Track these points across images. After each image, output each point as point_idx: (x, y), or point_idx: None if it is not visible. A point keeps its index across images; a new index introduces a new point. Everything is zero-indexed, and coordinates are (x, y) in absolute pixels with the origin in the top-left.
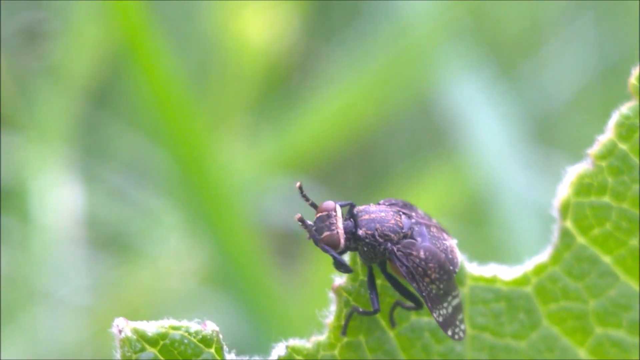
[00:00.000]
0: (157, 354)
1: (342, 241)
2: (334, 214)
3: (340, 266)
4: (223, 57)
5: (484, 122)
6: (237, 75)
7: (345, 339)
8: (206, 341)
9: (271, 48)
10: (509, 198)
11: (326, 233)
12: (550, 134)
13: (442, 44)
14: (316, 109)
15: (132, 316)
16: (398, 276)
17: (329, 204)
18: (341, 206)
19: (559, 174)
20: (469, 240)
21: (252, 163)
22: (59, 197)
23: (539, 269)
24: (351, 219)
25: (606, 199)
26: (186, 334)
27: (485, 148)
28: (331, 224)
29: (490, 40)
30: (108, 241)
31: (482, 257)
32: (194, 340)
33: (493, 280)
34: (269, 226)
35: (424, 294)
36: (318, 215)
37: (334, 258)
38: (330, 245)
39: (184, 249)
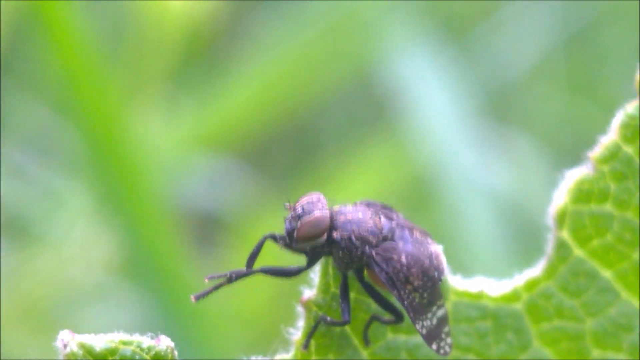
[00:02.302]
0: None
1: (326, 233)
2: (323, 198)
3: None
4: (140, 20)
5: (431, 94)
6: (156, 40)
7: (314, 358)
8: (160, 357)
9: (194, 11)
10: (457, 179)
11: (317, 213)
12: (505, 108)
13: (384, 8)
14: (243, 80)
15: (30, 309)
16: (376, 285)
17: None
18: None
19: (515, 153)
20: None
21: (170, 139)
22: None
23: (531, 284)
24: None
25: (608, 207)
26: (138, 350)
27: (432, 123)
28: (323, 206)
29: (438, 2)
30: (6, 225)
31: None
32: (146, 357)
33: (479, 295)
34: (188, 210)
35: (405, 302)
36: (305, 198)
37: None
38: (315, 230)
39: (91, 235)
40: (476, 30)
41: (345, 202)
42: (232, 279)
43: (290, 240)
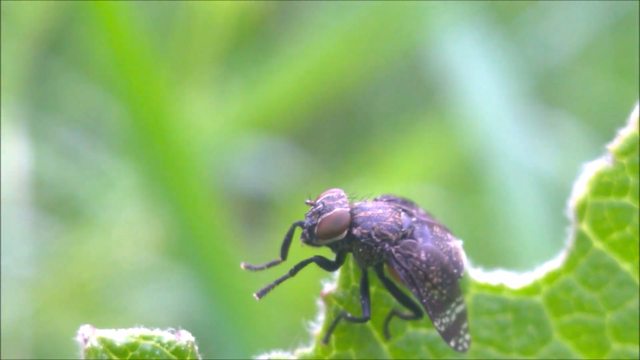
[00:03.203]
0: None
1: (347, 229)
2: (344, 194)
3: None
4: (190, 2)
5: (479, 78)
6: (206, 21)
7: (334, 352)
8: (180, 353)
9: None
10: (505, 163)
11: (337, 209)
12: (552, 92)
13: None
14: (293, 61)
15: (79, 291)
16: (396, 281)
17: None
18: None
19: (562, 137)
20: (459, 210)
21: (220, 120)
22: (2, 155)
23: (551, 277)
24: None
25: (627, 200)
26: (158, 345)
27: (480, 107)
28: (344, 202)
29: None
30: (56, 205)
31: (472, 229)
32: (167, 351)
33: (499, 288)
34: (236, 191)
35: (424, 300)
36: (326, 194)
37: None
38: (336, 227)
39: (140, 217)
40: (523, 13)
41: (366, 197)
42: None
43: (311, 237)
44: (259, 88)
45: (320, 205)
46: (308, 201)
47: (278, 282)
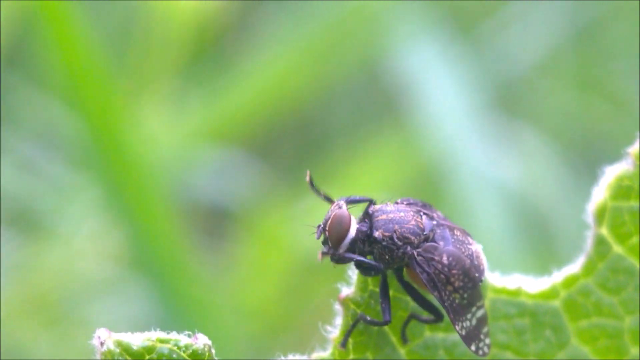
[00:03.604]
0: None
1: (353, 225)
2: (341, 203)
3: (367, 270)
4: (148, 14)
5: (439, 88)
6: (164, 34)
7: (351, 357)
8: (197, 356)
9: (202, 5)
10: (466, 173)
11: (334, 213)
12: (513, 103)
13: (392, 3)
14: (251, 73)
15: (39, 302)
16: (415, 284)
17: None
18: (356, 202)
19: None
20: None
21: (179, 132)
22: None
23: (569, 281)
24: (366, 220)
25: None
26: (175, 348)
27: (440, 117)
28: (340, 206)
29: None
30: (15, 218)
31: None
32: (184, 355)
33: (517, 292)
34: (196, 202)
35: (445, 304)
36: (329, 210)
37: (358, 261)
38: (341, 226)
39: (100, 229)
40: (484, 24)
41: (386, 200)
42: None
43: (331, 250)
44: (217, 100)
45: (323, 222)
46: (315, 229)
47: (326, 198)
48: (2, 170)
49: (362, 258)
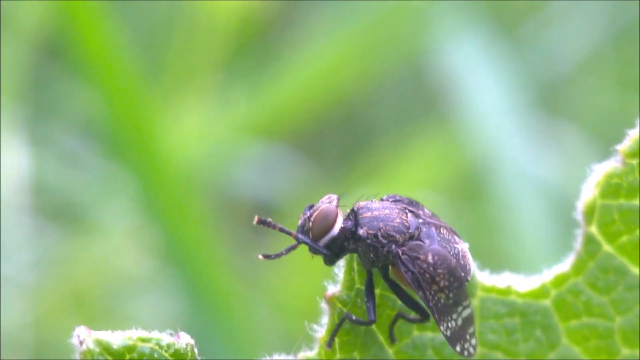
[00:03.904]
0: None
1: (339, 220)
2: (334, 196)
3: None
4: (192, 7)
5: (482, 87)
6: (208, 27)
7: (338, 356)
8: (179, 355)
9: None
10: (509, 172)
11: (322, 206)
12: (555, 102)
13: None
14: (296, 68)
15: (80, 297)
16: (401, 283)
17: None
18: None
19: (565, 146)
20: (462, 219)
21: (223, 127)
22: (2, 161)
23: (559, 280)
24: (351, 217)
25: (637, 202)
26: (156, 347)
27: (483, 116)
28: (331, 201)
29: None
30: (57, 211)
31: (476, 238)
32: (165, 354)
33: (507, 291)
34: (240, 197)
35: (430, 304)
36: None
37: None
38: (326, 222)
39: (139, 224)
40: (527, 22)
41: (372, 197)
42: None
43: (313, 244)
44: (262, 95)
45: (309, 212)
46: (301, 216)
47: (288, 250)
48: (45, 163)
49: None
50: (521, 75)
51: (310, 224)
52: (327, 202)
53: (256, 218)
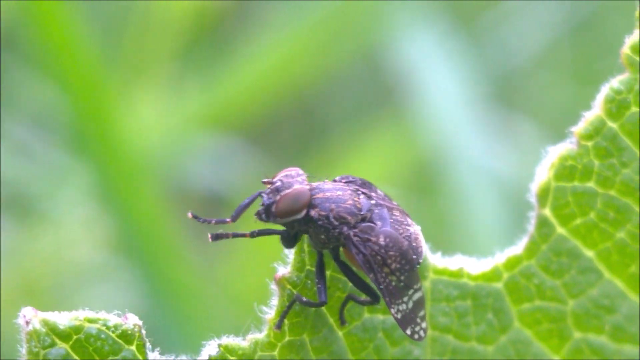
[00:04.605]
0: (69, 350)
1: (306, 208)
2: (302, 173)
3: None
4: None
5: (438, 79)
6: (162, 19)
7: (287, 338)
8: (126, 337)
9: None
10: (464, 165)
11: (297, 186)
12: (511, 95)
13: None
14: (251, 59)
15: (31, 287)
16: (352, 265)
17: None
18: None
19: (519, 139)
20: (417, 211)
21: (176, 118)
22: None
23: (512, 263)
24: None
25: (591, 184)
26: (103, 328)
27: (439, 108)
28: (303, 180)
29: None
30: (8, 203)
31: (430, 230)
32: (113, 335)
33: (459, 274)
34: (193, 189)
35: (381, 286)
36: (284, 173)
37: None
38: (295, 205)
39: (93, 214)
40: (483, 16)
41: (325, 177)
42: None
43: (268, 215)
44: (216, 87)
45: (279, 183)
46: (265, 179)
47: (235, 235)
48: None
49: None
50: (477, 68)
51: (278, 198)
52: (300, 182)
53: (210, 235)
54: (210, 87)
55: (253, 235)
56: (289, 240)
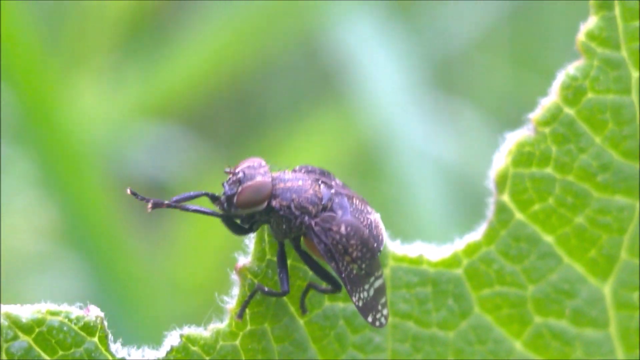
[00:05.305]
0: (32, 343)
1: (267, 200)
2: (265, 164)
3: (238, 230)
4: None
5: (377, 65)
6: (100, 10)
7: (249, 328)
8: (89, 329)
9: None
10: (404, 149)
11: (259, 178)
12: (451, 79)
13: None
14: (189, 48)
15: None
16: (313, 254)
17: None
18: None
19: (460, 123)
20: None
21: (117, 107)
22: None
23: (471, 249)
24: None
25: (549, 170)
26: (66, 321)
27: (379, 94)
28: (265, 172)
29: None
30: None
31: None
32: (75, 327)
33: (418, 260)
34: (133, 177)
35: (343, 274)
36: (246, 163)
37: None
38: (257, 196)
39: (35, 204)
40: (422, 1)
41: (284, 168)
42: (171, 205)
43: (229, 206)
44: (155, 75)
45: (241, 174)
46: (227, 169)
47: (171, 205)
48: None
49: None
50: (416, 53)
51: (239, 189)
52: (262, 174)
53: (150, 204)
54: (150, 76)
55: (188, 210)
56: (233, 225)
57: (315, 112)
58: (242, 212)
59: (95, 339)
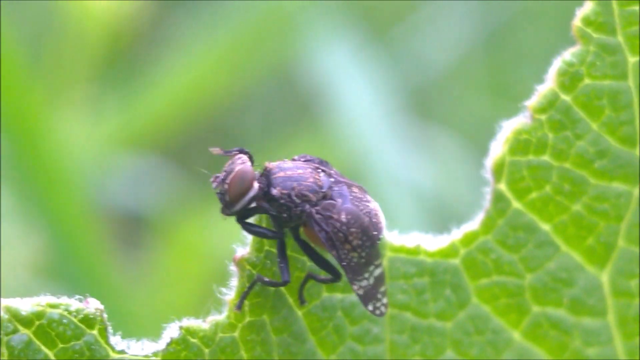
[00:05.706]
0: (32, 336)
1: (255, 183)
2: (242, 156)
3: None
4: (62, 21)
5: (353, 92)
6: (78, 41)
7: (247, 319)
8: (88, 321)
9: (116, 10)
10: (381, 176)
11: (238, 167)
12: (427, 107)
13: (305, 7)
14: (165, 79)
15: None
16: (313, 243)
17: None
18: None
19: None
20: None
21: (95, 138)
22: None
23: (469, 238)
24: (263, 177)
25: (546, 157)
26: (65, 313)
27: (355, 121)
28: (243, 161)
29: (359, 1)
30: None
31: None
32: (75, 320)
33: (416, 251)
34: (112, 209)
35: (343, 263)
36: (227, 163)
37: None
38: (244, 183)
39: (16, 236)
40: (397, 28)
41: (283, 158)
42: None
43: (228, 206)
44: (132, 106)
45: (224, 173)
46: (212, 178)
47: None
48: None
49: (258, 227)
50: (393, 79)
51: (226, 186)
52: (240, 163)
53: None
54: (128, 107)
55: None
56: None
57: (292, 140)
58: (240, 207)
59: (95, 332)
